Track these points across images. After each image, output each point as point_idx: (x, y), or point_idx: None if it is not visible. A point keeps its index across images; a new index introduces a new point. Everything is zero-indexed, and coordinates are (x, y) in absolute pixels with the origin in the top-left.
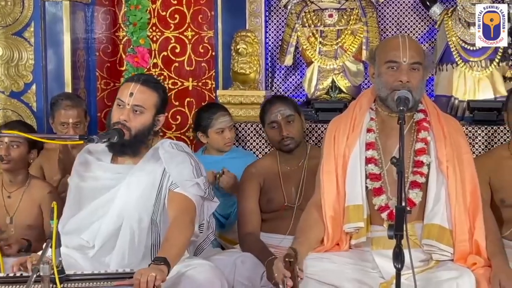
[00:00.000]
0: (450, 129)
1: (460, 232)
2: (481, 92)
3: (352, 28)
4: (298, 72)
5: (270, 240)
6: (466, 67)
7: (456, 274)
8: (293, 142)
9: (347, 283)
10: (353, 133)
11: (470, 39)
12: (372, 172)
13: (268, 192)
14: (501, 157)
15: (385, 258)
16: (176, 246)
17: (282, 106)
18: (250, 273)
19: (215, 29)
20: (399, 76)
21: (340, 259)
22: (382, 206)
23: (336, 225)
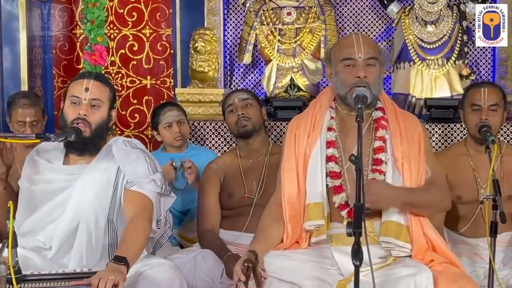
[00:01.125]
0: (407, 125)
1: (416, 227)
2: (438, 90)
3: (311, 27)
4: (256, 70)
5: (227, 236)
6: (423, 65)
7: (414, 271)
8: (250, 124)
9: (306, 281)
10: (313, 132)
11: (427, 37)
12: (333, 170)
13: (229, 186)
14: (458, 154)
15: (344, 254)
16: (135, 245)
17: (241, 92)
18: (211, 269)
19: (173, 27)
20: (356, 72)
21: (299, 256)
22: (342, 204)
23: (296, 223)
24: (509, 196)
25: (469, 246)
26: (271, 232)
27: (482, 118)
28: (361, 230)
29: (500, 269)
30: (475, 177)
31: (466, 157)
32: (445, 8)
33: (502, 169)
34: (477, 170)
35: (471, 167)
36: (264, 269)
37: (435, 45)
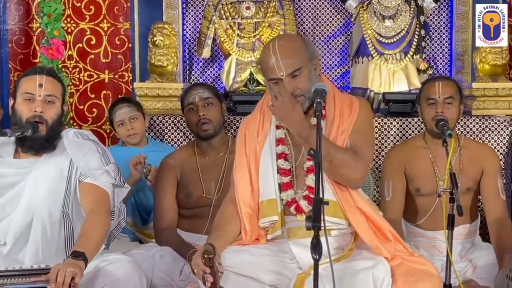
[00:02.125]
0: (343, 106)
1: (345, 202)
2: (396, 85)
3: (270, 21)
4: (216, 64)
5: (187, 238)
6: (381, 59)
7: (372, 263)
8: (211, 126)
9: (265, 275)
10: (263, 130)
11: (385, 32)
12: (283, 167)
13: (186, 185)
14: (416, 147)
15: (301, 247)
16: (93, 239)
17: (201, 89)
18: (169, 268)
19: (131, 20)
20: (280, 88)
21: (258, 251)
22: (289, 200)
23: (253, 221)
24: (467, 189)
25: (427, 239)
26: (228, 227)
27: (437, 111)
28: (320, 224)
29: (457, 262)
30: (434, 170)
31: (425, 150)
32: (403, 3)
33: (460, 162)
34: (435, 163)
35: (430, 160)
36: (220, 263)
37: (393, 39)
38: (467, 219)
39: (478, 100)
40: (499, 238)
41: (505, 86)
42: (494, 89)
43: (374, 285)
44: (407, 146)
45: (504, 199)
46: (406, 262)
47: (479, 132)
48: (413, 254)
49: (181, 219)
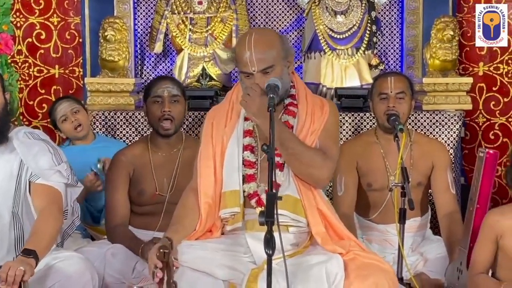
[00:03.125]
0: (315, 108)
1: (307, 200)
2: (348, 80)
3: (222, 16)
4: (168, 59)
5: (139, 235)
6: (333, 55)
7: (325, 258)
8: (172, 125)
9: (218, 270)
10: (231, 121)
11: (337, 27)
12: (248, 159)
13: (139, 182)
14: (368, 142)
15: (257, 240)
16: (45, 237)
17: (171, 85)
18: (121, 266)
19: (82, 15)
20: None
21: (212, 245)
22: (250, 193)
23: (211, 211)
24: (417, 183)
25: (379, 233)
26: (187, 220)
27: (389, 106)
28: (273, 219)
29: (409, 255)
30: (385, 165)
31: (376, 145)
32: None
33: (411, 156)
34: (387, 157)
35: (381, 155)
36: (176, 258)
37: (345, 35)
38: (418, 213)
39: (429, 95)
40: (449, 231)
41: (455, 81)
42: (444, 84)
43: (327, 280)
44: (359, 141)
45: (454, 193)
46: (359, 257)
47: (430, 127)
48: (366, 250)
49: (134, 216)
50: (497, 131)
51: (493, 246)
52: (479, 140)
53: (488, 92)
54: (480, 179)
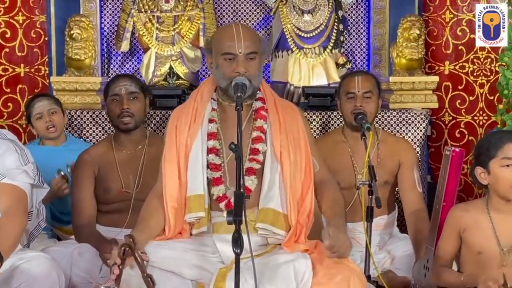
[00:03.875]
0: (286, 114)
1: (294, 215)
2: (315, 79)
3: (189, 14)
4: (135, 58)
5: (107, 233)
6: (300, 54)
7: (293, 257)
8: (133, 121)
9: (186, 270)
10: (195, 123)
11: (304, 26)
12: (213, 162)
13: (104, 180)
14: (336, 141)
15: (225, 242)
16: (9, 238)
17: (129, 82)
18: (88, 265)
19: (47, 13)
20: (236, 67)
21: (180, 245)
22: (220, 196)
23: (178, 215)
24: (384, 182)
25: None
26: (152, 220)
27: (356, 106)
28: (241, 218)
29: (376, 253)
30: (353, 163)
31: (344, 143)
32: None
33: (378, 155)
34: (354, 156)
35: (349, 153)
36: (144, 252)
37: (312, 34)
38: (385, 211)
39: (395, 94)
40: (416, 229)
41: (421, 80)
42: (411, 83)
43: (295, 278)
44: (327, 140)
45: (421, 191)
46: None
47: (397, 125)
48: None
49: (101, 214)
50: (463, 130)
51: (457, 240)
52: (445, 138)
53: (454, 91)
54: (446, 177)
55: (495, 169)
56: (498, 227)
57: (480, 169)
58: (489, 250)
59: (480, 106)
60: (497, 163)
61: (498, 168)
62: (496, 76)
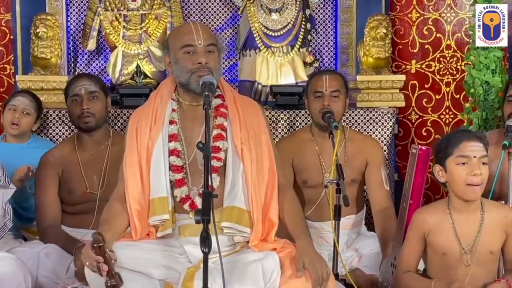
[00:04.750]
0: (246, 111)
1: (257, 213)
2: (283, 77)
3: (156, 13)
4: (102, 56)
5: (73, 234)
6: (268, 52)
7: (262, 256)
8: (94, 120)
9: (154, 270)
10: (155, 125)
11: (272, 25)
12: (175, 164)
13: (68, 181)
14: (303, 139)
15: (192, 244)
16: None
17: (88, 82)
18: (55, 266)
19: (13, 12)
20: (196, 58)
21: (148, 245)
22: (183, 197)
23: (143, 218)
24: (352, 180)
25: (314, 230)
26: (116, 221)
27: (324, 105)
28: (209, 217)
29: (344, 251)
30: (320, 162)
31: (312, 142)
32: None
33: (345, 154)
34: (322, 155)
35: (317, 152)
36: (112, 251)
37: (280, 32)
38: (353, 209)
39: (363, 93)
40: (383, 227)
41: (388, 78)
42: (378, 81)
43: (264, 277)
44: (294, 139)
45: (388, 190)
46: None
47: (364, 124)
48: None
49: (66, 216)
50: (429, 128)
51: (421, 244)
52: (412, 136)
53: (421, 90)
54: (413, 175)
55: (451, 167)
56: (459, 228)
57: (438, 167)
58: (452, 250)
59: (446, 105)
60: (452, 161)
61: (454, 166)
62: (462, 75)
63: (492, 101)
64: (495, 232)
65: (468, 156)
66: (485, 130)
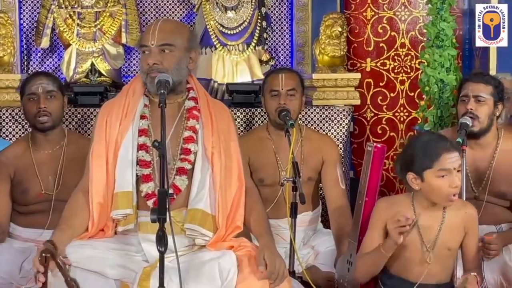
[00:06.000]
0: (218, 115)
1: (222, 217)
2: (239, 75)
3: (111, 11)
4: (55, 54)
5: (28, 234)
6: (224, 50)
7: (219, 254)
8: (50, 119)
9: (110, 270)
10: (126, 119)
11: (228, 23)
12: (143, 159)
13: (22, 181)
14: (260, 138)
15: (150, 242)
16: None
17: (46, 80)
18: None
19: None
20: (147, 58)
21: (103, 244)
22: (148, 193)
23: (103, 211)
24: (308, 178)
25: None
26: (75, 220)
27: (280, 103)
28: (165, 217)
29: (301, 249)
30: (277, 160)
31: (268, 140)
32: None
33: (302, 152)
34: (278, 153)
35: (273, 150)
36: (66, 256)
37: (236, 31)
38: (309, 207)
39: (319, 91)
40: (338, 225)
41: (343, 76)
42: (333, 79)
43: (221, 276)
44: (251, 137)
45: (343, 188)
46: (252, 252)
47: (320, 122)
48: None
49: (21, 216)
50: (384, 126)
51: (381, 232)
52: (367, 134)
53: (376, 88)
54: (368, 173)
55: (430, 179)
56: (422, 223)
57: (413, 175)
58: (412, 245)
59: (401, 103)
60: (433, 174)
61: (434, 178)
62: (416, 73)
63: (447, 99)
64: (455, 229)
65: (449, 169)
66: (440, 128)
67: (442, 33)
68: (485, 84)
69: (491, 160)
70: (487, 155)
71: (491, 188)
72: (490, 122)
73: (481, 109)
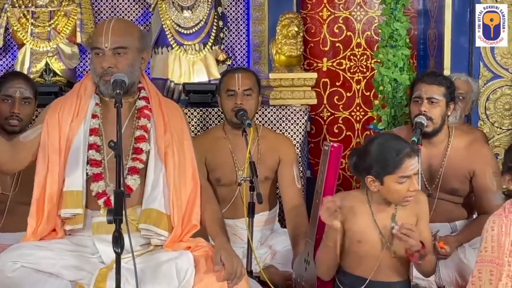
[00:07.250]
0: (170, 114)
1: (177, 217)
2: (195, 75)
3: (65, 10)
4: (9, 54)
5: None
6: (180, 50)
7: (176, 255)
8: (20, 124)
9: (65, 271)
10: (77, 118)
11: (184, 22)
12: (93, 158)
13: None
14: (217, 137)
15: (106, 243)
16: None
17: (25, 86)
18: None
19: None
20: (101, 62)
21: (58, 246)
22: (99, 192)
23: (53, 208)
24: (265, 178)
25: (228, 227)
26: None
27: (237, 103)
28: (121, 217)
29: (258, 248)
30: (234, 160)
31: (225, 140)
32: None
33: (258, 151)
34: (235, 153)
35: (230, 150)
36: None
37: (192, 30)
38: (266, 207)
39: (275, 91)
40: (294, 224)
41: (300, 76)
42: (290, 79)
43: (178, 276)
44: (208, 137)
45: (300, 187)
46: (209, 252)
47: (277, 122)
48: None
49: None
50: (340, 125)
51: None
52: (324, 134)
53: (332, 87)
54: (325, 172)
55: (390, 184)
56: (377, 218)
57: (371, 178)
58: (368, 240)
59: (357, 102)
60: (393, 179)
61: (393, 183)
62: (372, 72)
63: (400, 98)
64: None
65: (409, 175)
66: (394, 127)
67: (395, 33)
68: (438, 85)
69: (443, 158)
70: (439, 153)
71: (443, 185)
72: (443, 122)
73: (434, 111)
